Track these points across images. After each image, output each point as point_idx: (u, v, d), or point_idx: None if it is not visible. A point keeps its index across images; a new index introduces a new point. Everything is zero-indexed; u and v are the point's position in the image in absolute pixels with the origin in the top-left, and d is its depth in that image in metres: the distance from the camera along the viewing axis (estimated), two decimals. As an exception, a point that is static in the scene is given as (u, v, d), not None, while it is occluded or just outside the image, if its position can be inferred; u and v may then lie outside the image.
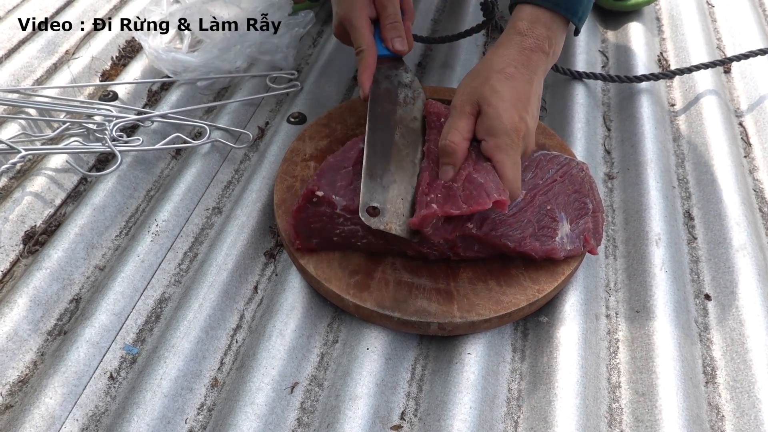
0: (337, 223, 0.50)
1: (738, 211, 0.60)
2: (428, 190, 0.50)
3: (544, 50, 0.54)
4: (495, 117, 0.50)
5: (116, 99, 0.69)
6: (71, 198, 0.60)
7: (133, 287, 0.52)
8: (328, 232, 0.51)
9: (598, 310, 0.54)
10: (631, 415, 0.47)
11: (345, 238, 0.51)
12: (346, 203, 0.50)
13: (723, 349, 0.51)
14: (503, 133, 0.50)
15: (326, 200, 0.50)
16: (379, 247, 0.51)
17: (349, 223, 0.50)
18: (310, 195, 0.50)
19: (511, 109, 0.50)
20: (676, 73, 0.72)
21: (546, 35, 0.54)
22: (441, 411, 0.45)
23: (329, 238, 0.51)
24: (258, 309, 0.53)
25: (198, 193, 0.60)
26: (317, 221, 0.51)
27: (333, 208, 0.50)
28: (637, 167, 0.64)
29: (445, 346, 0.50)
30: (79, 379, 0.46)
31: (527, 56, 0.53)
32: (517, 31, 0.54)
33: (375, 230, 0.49)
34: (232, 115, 0.67)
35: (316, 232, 0.51)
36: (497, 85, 0.51)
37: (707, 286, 0.56)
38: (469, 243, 0.51)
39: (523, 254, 0.51)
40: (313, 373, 0.49)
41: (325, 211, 0.50)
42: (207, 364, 0.48)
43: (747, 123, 0.72)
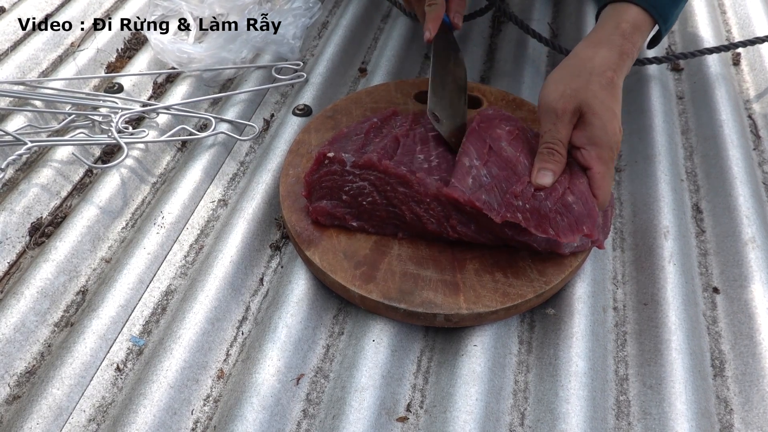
0: (346, 180, 0.52)
1: (747, 203, 0.59)
2: (518, 193, 0.50)
3: (633, 57, 0.53)
4: (600, 128, 0.49)
5: (122, 91, 0.69)
6: (77, 190, 0.60)
7: (140, 279, 0.52)
8: (337, 190, 0.52)
9: (606, 303, 0.53)
10: (638, 407, 0.47)
11: (353, 197, 0.52)
12: (355, 159, 0.52)
13: (731, 342, 0.51)
14: (606, 145, 0.50)
15: (337, 159, 0.52)
16: (382, 212, 0.52)
17: (358, 180, 0.51)
18: (321, 157, 0.52)
19: (613, 120, 0.50)
20: (680, 57, 0.71)
21: (639, 44, 0.54)
22: (447, 403, 0.45)
23: (339, 197, 0.52)
24: (264, 301, 0.53)
25: (204, 185, 0.60)
26: (328, 180, 0.52)
27: (343, 165, 0.52)
28: (646, 160, 0.64)
29: (451, 337, 0.50)
30: (86, 370, 0.46)
31: (624, 61, 0.52)
32: (620, 33, 0.53)
33: (382, 188, 0.51)
34: (237, 107, 0.67)
35: (327, 191, 0.52)
36: (599, 91, 0.50)
37: (716, 279, 0.55)
38: (466, 219, 0.50)
39: (526, 245, 0.50)
40: (318, 364, 0.49)
41: (336, 169, 0.52)
42: (213, 356, 0.48)
43: (756, 115, 0.71)
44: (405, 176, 0.50)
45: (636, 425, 0.46)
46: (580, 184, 0.51)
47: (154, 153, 0.63)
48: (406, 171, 0.50)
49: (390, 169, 0.50)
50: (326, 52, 0.74)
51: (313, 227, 0.53)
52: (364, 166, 0.51)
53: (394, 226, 0.52)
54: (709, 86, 0.72)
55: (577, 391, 0.46)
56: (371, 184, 0.51)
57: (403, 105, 0.64)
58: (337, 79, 0.73)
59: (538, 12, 0.83)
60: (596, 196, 0.50)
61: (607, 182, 0.50)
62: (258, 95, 0.70)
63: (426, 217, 0.50)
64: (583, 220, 0.49)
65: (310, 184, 0.53)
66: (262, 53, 0.74)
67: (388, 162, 0.51)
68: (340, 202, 0.52)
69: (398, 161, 0.52)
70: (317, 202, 0.53)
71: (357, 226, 0.53)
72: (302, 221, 0.53)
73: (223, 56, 0.71)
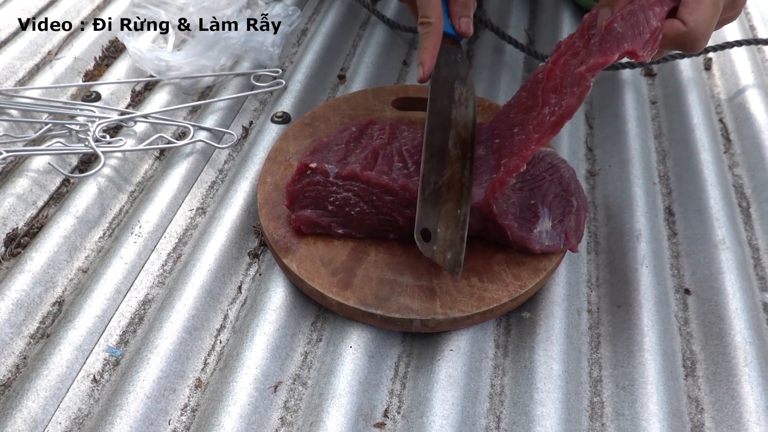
0: (330, 190, 0.52)
1: (717, 206, 0.60)
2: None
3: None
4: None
5: (99, 99, 0.68)
6: (54, 200, 0.59)
7: (117, 289, 0.52)
8: (322, 200, 0.52)
9: (580, 305, 0.54)
10: (612, 408, 0.48)
11: (340, 207, 0.52)
12: (338, 171, 0.52)
13: (702, 342, 0.52)
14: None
15: (319, 170, 0.52)
16: (372, 220, 0.52)
17: (342, 191, 0.52)
18: (304, 168, 0.52)
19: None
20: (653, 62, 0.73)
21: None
22: (424, 408, 0.46)
23: (324, 207, 0.53)
24: (242, 309, 0.53)
25: (182, 193, 0.60)
26: (311, 190, 0.52)
27: (326, 176, 0.52)
28: (619, 164, 0.65)
29: (428, 342, 0.51)
30: (62, 382, 0.46)
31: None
32: None
33: (368, 198, 0.51)
34: (216, 114, 0.67)
35: (311, 201, 0.53)
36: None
37: (687, 281, 0.57)
38: None
39: (500, 229, 0.51)
40: (296, 372, 0.49)
41: (319, 180, 0.52)
42: (190, 365, 0.48)
43: (727, 119, 0.72)
44: (388, 185, 0.51)
45: (609, 426, 0.47)
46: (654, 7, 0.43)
47: (132, 161, 0.63)
48: (388, 179, 0.51)
49: (372, 180, 0.51)
50: (305, 59, 0.74)
51: (291, 235, 0.53)
52: (347, 177, 0.52)
53: (385, 231, 0.53)
54: (681, 91, 0.74)
55: (552, 394, 0.47)
56: (356, 195, 0.52)
57: (381, 112, 0.64)
58: (316, 86, 0.73)
59: (515, 19, 0.85)
60: (684, 20, 0.40)
61: (704, 5, 0.39)
62: (237, 103, 0.70)
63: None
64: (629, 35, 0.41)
65: (292, 194, 0.53)
66: (241, 60, 0.74)
67: (370, 173, 0.52)
68: (326, 211, 0.53)
69: (379, 170, 0.53)
70: (300, 211, 0.53)
71: (343, 233, 0.53)
72: (280, 229, 0.54)
73: (202, 64, 0.71)
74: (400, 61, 0.79)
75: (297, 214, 0.53)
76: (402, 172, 0.54)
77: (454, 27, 0.56)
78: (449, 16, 0.56)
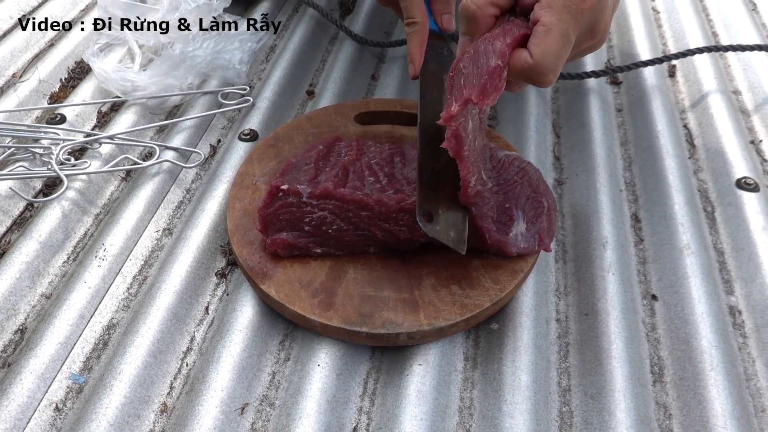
0: (305, 211, 0.52)
1: (682, 211, 0.61)
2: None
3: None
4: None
5: (65, 121, 0.68)
6: (17, 225, 0.58)
7: (80, 315, 0.51)
8: (297, 221, 0.52)
9: (549, 315, 0.54)
10: (580, 417, 0.48)
11: (316, 227, 0.52)
12: (311, 190, 0.51)
13: (669, 347, 0.53)
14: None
15: (292, 191, 0.52)
16: (351, 236, 0.52)
17: (318, 210, 0.52)
18: (275, 191, 0.52)
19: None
20: (618, 71, 0.74)
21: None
22: (393, 424, 0.45)
23: (300, 228, 0.52)
24: (209, 330, 0.52)
25: (148, 214, 0.60)
26: (285, 212, 0.52)
27: (299, 197, 0.52)
28: (586, 173, 0.66)
29: (396, 357, 0.50)
30: (23, 412, 0.45)
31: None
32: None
33: (344, 215, 0.50)
34: (184, 133, 0.67)
35: (285, 223, 0.52)
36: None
37: (654, 287, 0.57)
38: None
39: (479, 232, 0.51)
40: (264, 392, 0.48)
41: (293, 201, 0.52)
42: (156, 390, 0.48)
43: (691, 125, 0.74)
44: (363, 200, 0.51)
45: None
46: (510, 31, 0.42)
47: (97, 184, 0.62)
48: (362, 195, 0.51)
49: (347, 196, 0.51)
50: (273, 75, 0.74)
51: (267, 260, 0.53)
52: (321, 196, 0.52)
53: (365, 245, 0.53)
54: (646, 98, 0.75)
55: (521, 405, 0.47)
56: (332, 213, 0.52)
57: (344, 128, 0.64)
58: (284, 102, 0.73)
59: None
60: (531, 52, 0.40)
61: (553, 39, 0.39)
62: (205, 121, 0.70)
63: (397, 229, 0.51)
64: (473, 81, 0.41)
65: (265, 218, 0.52)
66: (209, 79, 0.74)
67: (344, 190, 0.52)
68: (302, 232, 0.52)
69: (352, 186, 0.53)
70: (276, 234, 0.52)
71: (322, 252, 0.53)
72: (254, 255, 0.53)
73: (169, 83, 0.71)
74: (369, 75, 0.79)
75: (272, 237, 0.52)
76: (375, 186, 0.54)
77: (437, 24, 0.58)
78: (432, 14, 0.58)
